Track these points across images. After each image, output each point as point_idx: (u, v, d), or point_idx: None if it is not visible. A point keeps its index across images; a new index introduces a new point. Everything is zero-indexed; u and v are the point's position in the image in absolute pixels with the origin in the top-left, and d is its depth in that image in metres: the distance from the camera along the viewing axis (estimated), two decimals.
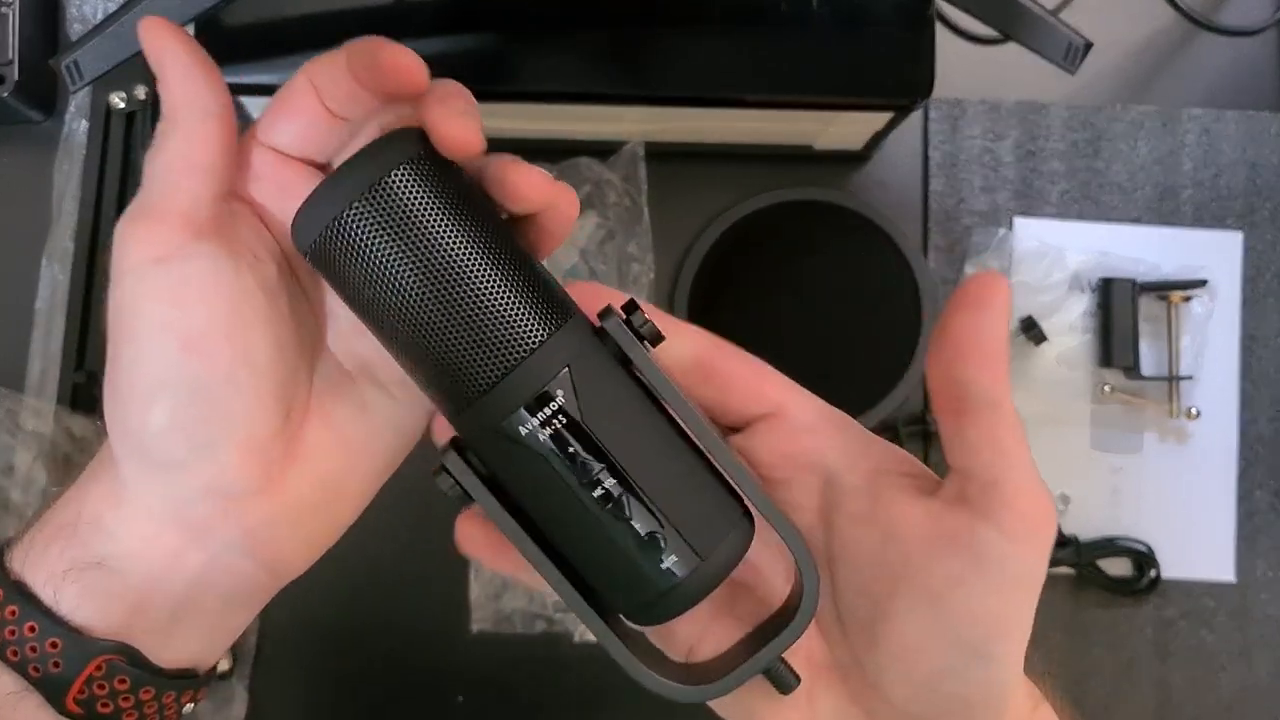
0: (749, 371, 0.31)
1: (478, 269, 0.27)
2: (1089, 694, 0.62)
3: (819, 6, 0.49)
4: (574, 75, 0.50)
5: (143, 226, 0.28)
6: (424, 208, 0.27)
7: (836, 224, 0.62)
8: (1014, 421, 0.27)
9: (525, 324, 0.27)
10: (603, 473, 0.28)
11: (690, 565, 0.28)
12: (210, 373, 0.28)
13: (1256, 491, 0.64)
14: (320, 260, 0.28)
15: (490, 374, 0.27)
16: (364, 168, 0.27)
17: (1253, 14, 0.66)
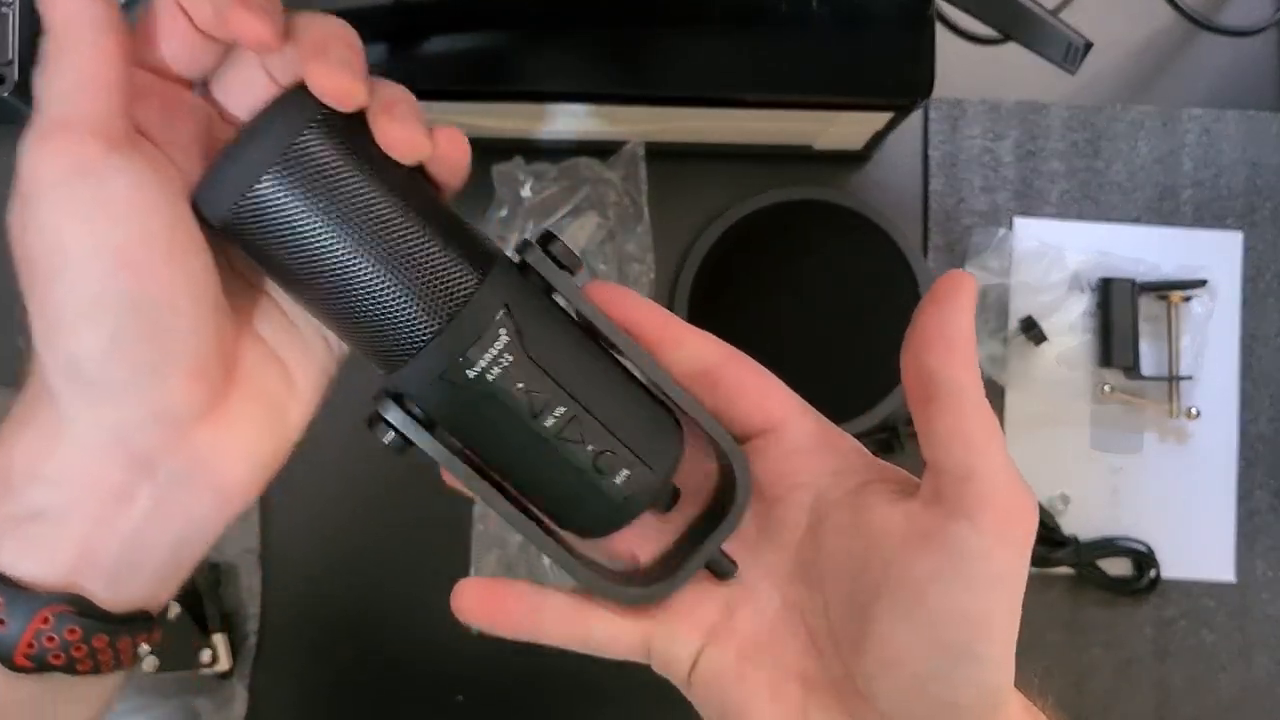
0: (756, 385, 0.31)
1: (404, 223, 0.27)
2: (1088, 693, 0.62)
3: (819, 6, 0.49)
4: (574, 75, 0.50)
5: (56, 141, 0.26)
6: (341, 168, 0.27)
7: (836, 224, 0.62)
8: (984, 412, 0.27)
9: (458, 271, 0.28)
10: (551, 402, 0.28)
11: (642, 477, 0.29)
12: (150, 292, 0.27)
13: (1256, 491, 0.64)
14: (233, 233, 0.27)
15: (430, 325, 0.27)
16: (269, 133, 0.27)
17: (1253, 14, 0.66)
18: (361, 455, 0.60)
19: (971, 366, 0.27)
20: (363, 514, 0.61)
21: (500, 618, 0.32)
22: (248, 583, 0.59)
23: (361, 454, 0.60)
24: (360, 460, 0.61)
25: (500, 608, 0.32)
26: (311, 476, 0.61)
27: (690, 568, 0.31)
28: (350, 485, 0.61)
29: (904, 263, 0.62)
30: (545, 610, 0.32)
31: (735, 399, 0.31)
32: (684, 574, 0.31)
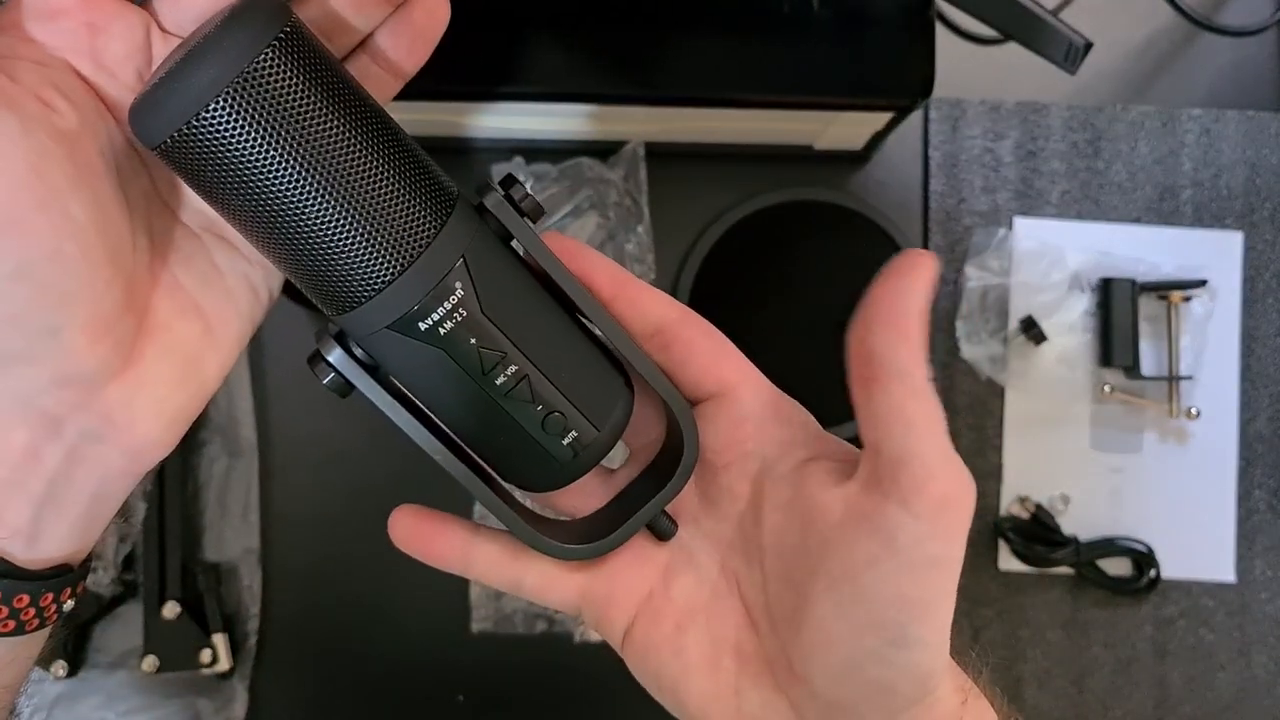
0: (709, 347, 0.31)
1: (365, 160, 0.25)
2: (1089, 692, 0.62)
3: (820, 7, 0.49)
4: (575, 76, 0.50)
5: None
6: (300, 95, 0.24)
7: (836, 224, 0.62)
8: (924, 394, 0.26)
9: (418, 216, 0.26)
10: (504, 360, 0.27)
11: (589, 437, 0.29)
12: (30, 250, 0.24)
13: (1256, 491, 0.64)
14: (176, 159, 0.25)
15: (384, 273, 0.26)
16: (223, 51, 0.24)
17: (1253, 14, 0.66)
18: (362, 455, 0.60)
19: (917, 350, 0.26)
20: (363, 514, 0.61)
21: (431, 551, 0.32)
22: (248, 583, 0.59)
23: (362, 454, 0.60)
24: (361, 460, 0.61)
25: (431, 542, 0.32)
26: (311, 476, 0.61)
27: (631, 527, 0.30)
28: (350, 485, 0.61)
29: None
30: (476, 552, 0.32)
31: (687, 360, 0.31)
32: (623, 533, 0.30)
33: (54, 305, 0.25)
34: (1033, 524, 0.62)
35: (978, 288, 0.63)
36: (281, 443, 0.60)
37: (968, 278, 0.63)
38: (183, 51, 0.25)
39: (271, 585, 0.59)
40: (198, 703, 0.58)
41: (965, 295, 0.63)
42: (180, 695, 0.58)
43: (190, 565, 0.58)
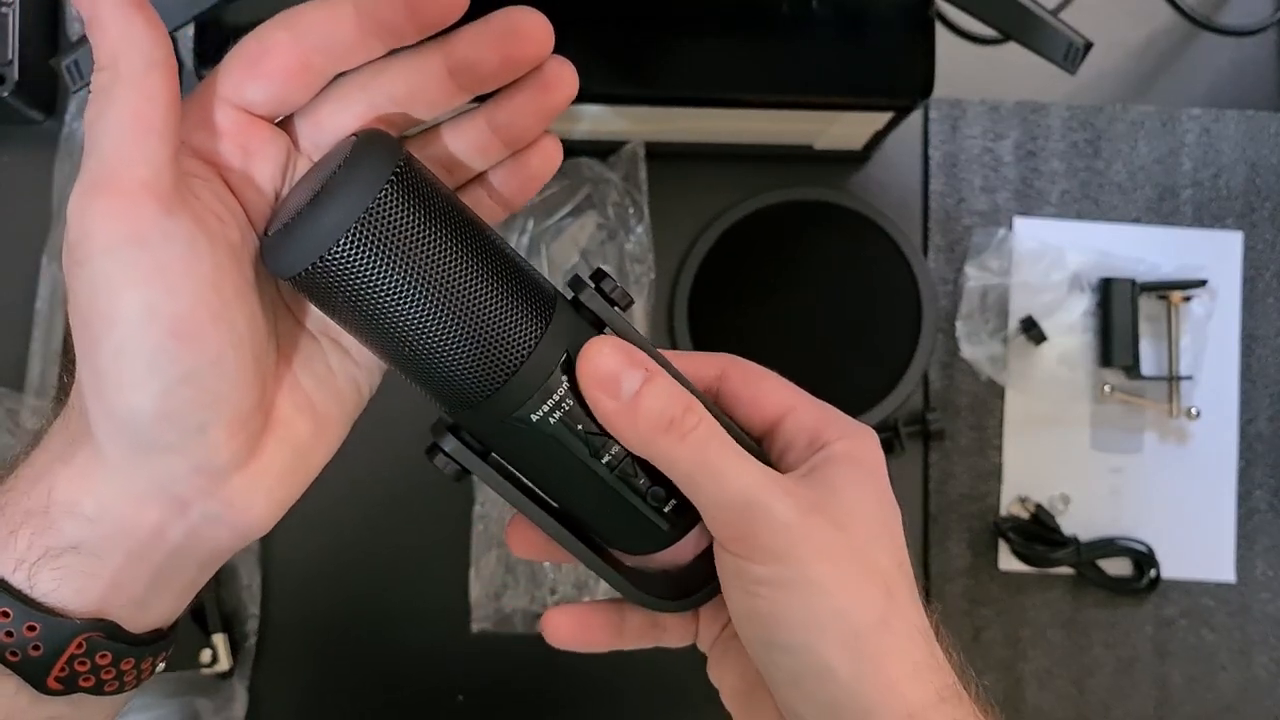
0: (750, 393, 0.33)
1: (474, 279, 0.28)
2: (1089, 692, 0.62)
3: (819, 7, 0.49)
4: None
5: (108, 202, 0.26)
6: (416, 227, 0.27)
7: (836, 224, 0.62)
8: (727, 458, 0.30)
9: (523, 323, 0.28)
10: (610, 443, 0.30)
11: (687, 506, 0.31)
12: (199, 358, 0.27)
13: (1256, 491, 0.64)
14: (307, 288, 0.28)
15: (496, 378, 0.28)
16: (346, 193, 0.26)
17: (1253, 14, 0.66)
18: (362, 456, 0.60)
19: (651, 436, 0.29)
20: (363, 514, 0.61)
21: (591, 643, 0.35)
22: (248, 583, 0.59)
23: (362, 455, 0.60)
24: (361, 461, 0.61)
25: (590, 636, 0.35)
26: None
27: (712, 589, 0.33)
28: (351, 485, 0.60)
29: (904, 263, 0.62)
30: (626, 629, 0.35)
31: (733, 408, 0.33)
32: (705, 594, 0.33)
33: (207, 405, 0.28)
34: (1033, 524, 0.62)
35: (978, 288, 0.63)
36: None
37: (968, 278, 0.63)
38: (310, 185, 0.28)
39: (271, 585, 0.60)
40: (197, 702, 0.58)
41: (965, 295, 0.63)
42: (180, 695, 0.58)
43: None
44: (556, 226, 0.60)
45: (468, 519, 0.60)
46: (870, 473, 0.32)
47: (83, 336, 0.27)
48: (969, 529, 0.62)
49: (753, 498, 0.29)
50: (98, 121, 0.26)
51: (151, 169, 0.26)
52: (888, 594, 0.30)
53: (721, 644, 0.35)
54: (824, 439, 0.32)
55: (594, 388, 0.29)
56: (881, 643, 0.29)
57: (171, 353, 0.26)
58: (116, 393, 0.27)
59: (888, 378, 0.61)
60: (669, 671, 0.60)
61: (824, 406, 0.33)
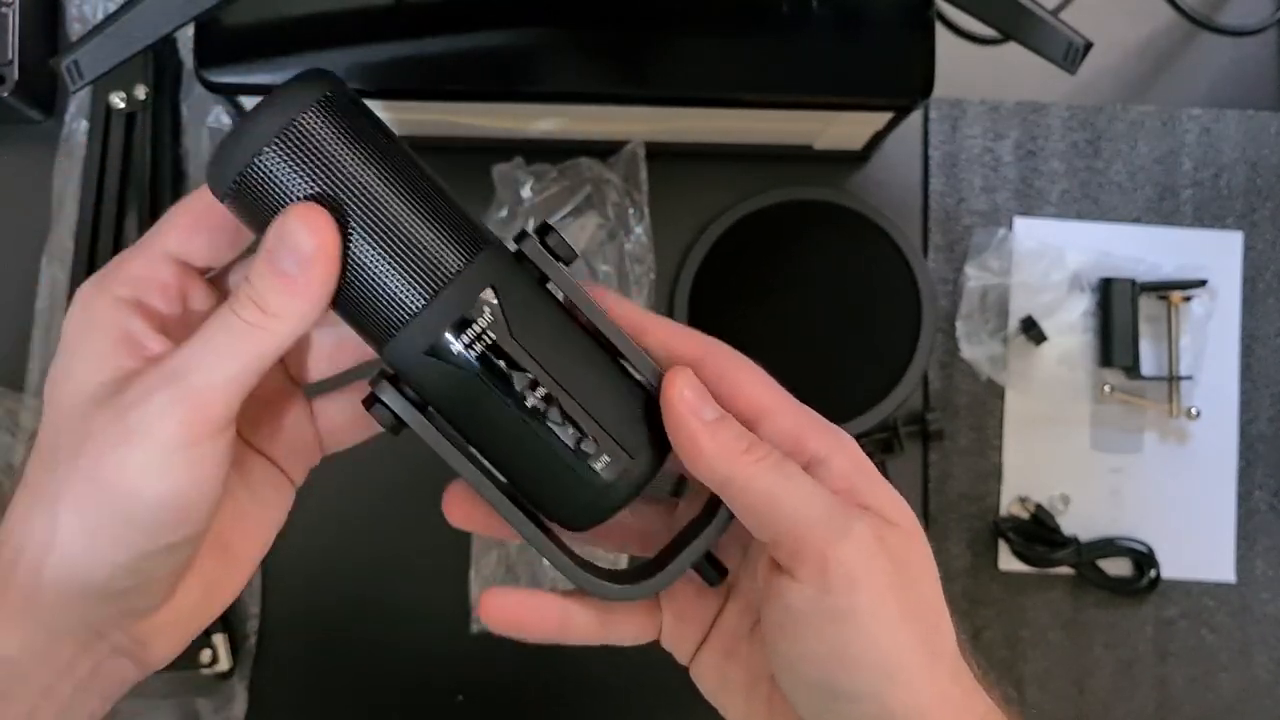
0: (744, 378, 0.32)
1: (397, 202, 0.28)
2: (1089, 693, 0.62)
3: (819, 7, 0.49)
4: (575, 76, 0.50)
5: (188, 414, 0.27)
6: (338, 145, 0.28)
7: (836, 224, 0.62)
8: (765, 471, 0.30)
9: (446, 249, 0.29)
10: (532, 385, 0.29)
11: (621, 464, 0.30)
12: (187, 533, 0.29)
13: (1256, 491, 0.64)
14: (237, 205, 0.29)
15: (414, 302, 0.29)
16: (271, 112, 0.28)
17: (1253, 14, 0.66)
18: (362, 456, 0.60)
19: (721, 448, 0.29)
20: (363, 514, 0.61)
21: (529, 629, 0.34)
22: (248, 582, 0.59)
23: (362, 455, 0.60)
24: (361, 461, 0.61)
25: (526, 622, 0.33)
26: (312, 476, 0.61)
27: (674, 571, 0.32)
28: (351, 485, 0.60)
29: (904, 263, 0.62)
30: (571, 621, 0.34)
31: (723, 393, 0.32)
32: (666, 577, 0.32)
33: (168, 565, 0.29)
34: (1033, 524, 0.62)
35: (977, 288, 0.63)
36: None
37: (967, 278, 0.63)
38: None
39: (271, 585, 0.60)
40: (197, 702, 0.58)
41: (965, 295, 0.63)
42: (180, 695, 0.58)
43: None
44: (557, 227, 0.60)
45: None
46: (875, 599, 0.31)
47: (89, 492, 0.28)
48: (969, 529, 0.62)
49: (834, 517, 0.29)
50: (224, 345, 0.28)
51: (238, 403, 0.28)
52: (934, 632, 0.30)
53: (711, 654, 0.34)
54: (808, 451, 0.31)
55: (681, 406, 0.30)
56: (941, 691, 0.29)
57: (170, 528, 0.28)
58: (102, 548, 0.28)
59: (887, 377, 0.61)
60: (669, 672, 0.60)
61: (802, 410, 0.32)
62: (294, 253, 0.27)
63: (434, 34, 0.49)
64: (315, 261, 0.27)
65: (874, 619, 0.28)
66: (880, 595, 0.28)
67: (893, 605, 0.29)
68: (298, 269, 0.27)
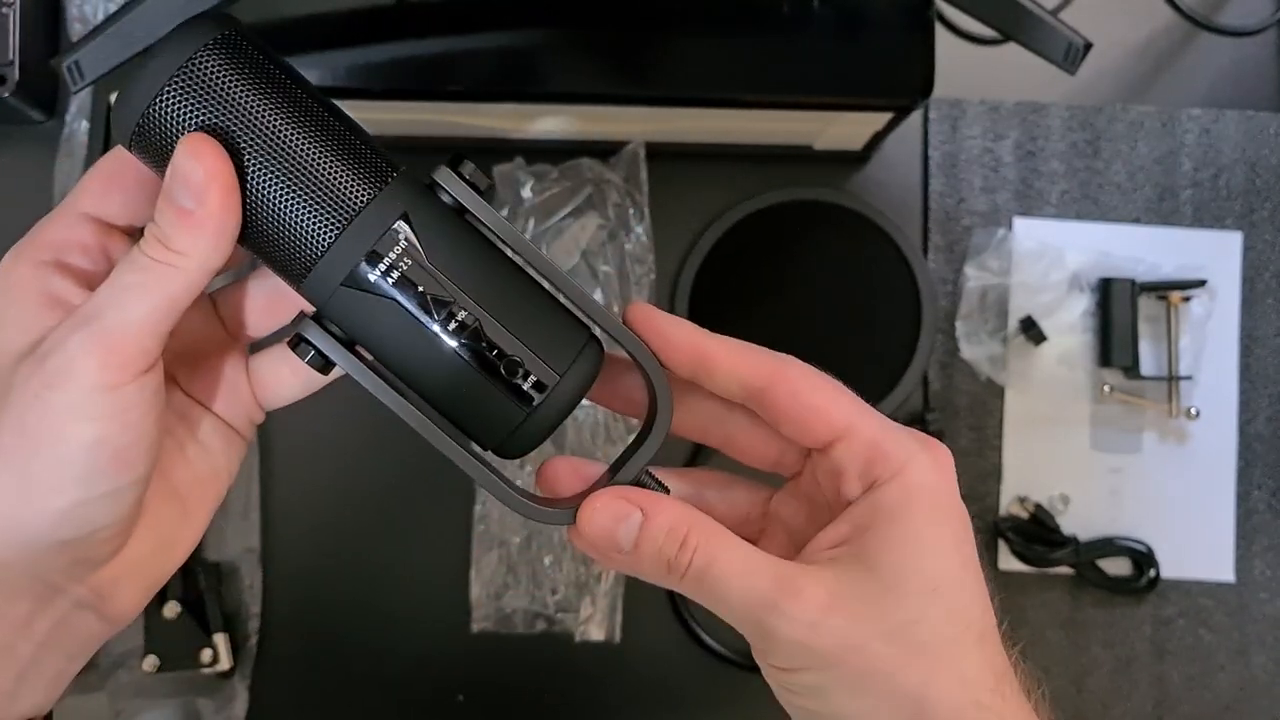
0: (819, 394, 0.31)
1: (298, 137, 0.29)
2: (1088, 692, 0.62)
3: (819, 8, 0.49)
4: (575, 76, 0.50)
5: (108, 355, 0.28)
6: (235, 83, 0.28)
7: (836, 224, 0.62)
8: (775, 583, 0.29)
9: (354, 182, 0.29)
10: (453, 307, 0.29)
11: (550, 383, 0.30)
12: (127, 478, 0.29)
13: (1255, 491, 0.64)
14: (143, 152, 0.29)
15: (325, 235, 0.29)
16: (168, 53, 0.28)
17: (1253, 14, 0.66)
18: (363, 456, 0.61)
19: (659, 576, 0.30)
20: (363, 514, 0.61)
21: None
22: (249, 582, 0.59)
23: (363, 455, 0.61)
24: (361, 460, 0.61)
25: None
26: (312, 476, 0.61)
27: (602, 485, 0.32)
28: (351, 485, 0.61)
29: (904, 263, 0.62)
30: None
31: (778, 423, 0.31)
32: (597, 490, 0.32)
33: (111, 511, 0.29)
34: (1032, 524, 0.62)
35: (977, 288, 0.63)
36: (282, 443, 0.60)
37: (967, 278, 0.63)
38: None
39: (272, 585, 0.60)
40: (198, 702, 0.58)
41: (965, 295, 0.63)
42: (181, 695, 0.58)
43: (191, 564, 0.58)
44: (557, 227, 0.60)
45: (468, 519, 0.60)
46: (931, 513, 0.29)
47: (18, 443, 0.28)
48: None
49: (768, 601, 0.28)
50: (134, 284, 0.28)
51: (156, 342, 0.28)
52: (931, 669, 0.28)
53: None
54: (875, 473, 0.30)
55: (598, 549, 0.30)
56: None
57: (107, 474, 0.28)
58: (38, 496, 0.28)
59: (887, 378, 0.61)
60: (668, 672, 0.60)
61: (883, 426, 0.30)
62: (186, 185, 0.27)
63: (435, 34, 0.49)
64: (208, 190, 0.27)
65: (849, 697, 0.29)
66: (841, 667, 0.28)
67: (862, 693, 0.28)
68: (194, 201, 0.27)
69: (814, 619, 0.28)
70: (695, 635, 0.59)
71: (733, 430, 0.33)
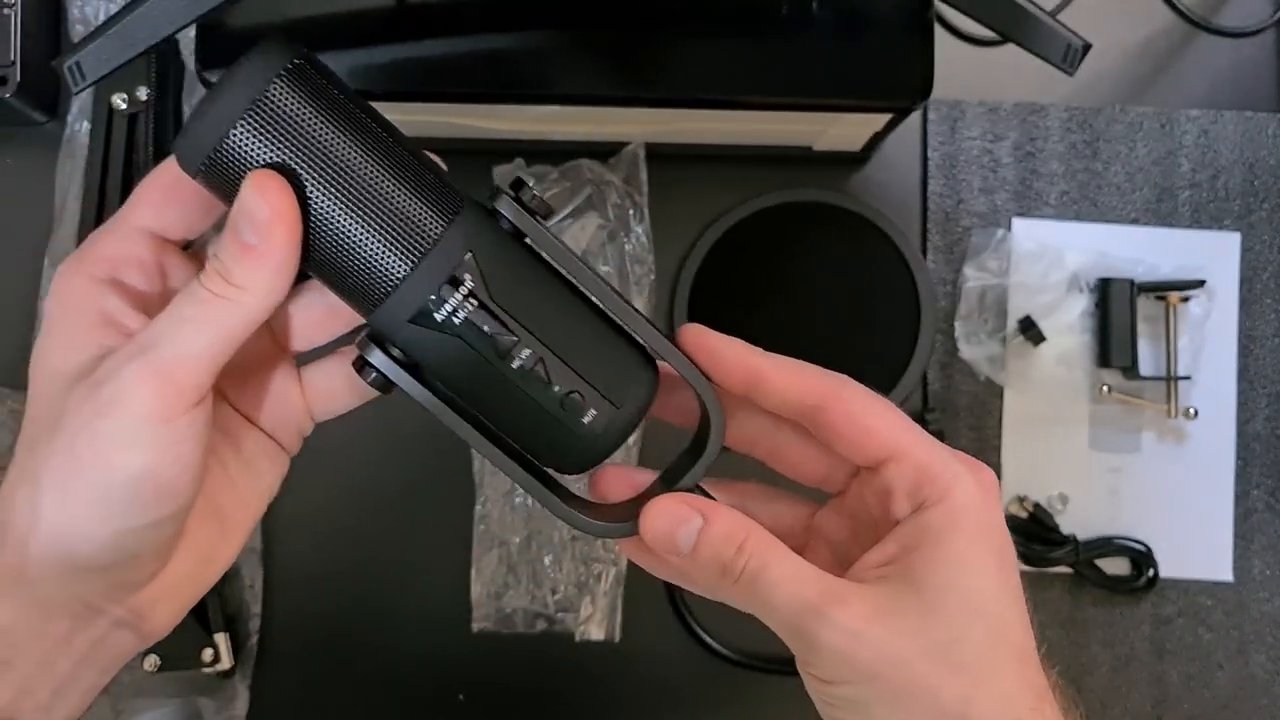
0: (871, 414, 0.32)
1: (372, 172, 0.29)
2: (1087, 691, 0.62)
3: (819, 9, 0.50)
4: (575, 78, 0.50)
5: (157, 385, 0.28)
6: (309, 116, 0.28)
7: (836, 225, 0.62)
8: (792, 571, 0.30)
9: (424, 218, 0.29)
10: (517, 345, 0.30)
11: (608, 416, 0.31)
12: (171, 508, 0.29)
13: (1253, 491, 0.64)
14: (211, 183, 0.29)
15: (397, 271, 0.29)
16: (237, 85, 0.28)
17: (1251, 15, 0.66)
18: (363, 456, 0.61)
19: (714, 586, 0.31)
20: (364, 513, 0.61)
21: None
22: (250, 582, 0.59)
23: (363, 454, 0.61)
24: (362, 460, 0.61)
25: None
26: (313, 476, 0.61)
27: (654, 494, 0.32)
28: (352, 485, 0.61)
29: (903, 264, 0.62)
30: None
31: (831, 440, 0.32)
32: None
33: (153, 539, 0.29)
34: (1031, 523, 0.62)
35: (976, 288, 0.63)
36: None
37: (966, 278, 0.63)
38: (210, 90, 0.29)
39: (273, 585, 0.60)
40: (199, 702, 0.58)
41: (964, 296, 0.63)
42: (182, 694, 0.58)
43: None
44: (557, 228, 0.60)
45: (468, 519, 0.60)
46: (971, 538, 0.30)
47: (66, 467, 0.28)
48: None
49: (812, 611, 0.28)
50: (192, 317, 0.28)
51: (210, 376, 0.28)
52: (972, 686, 0.28)
53: None
54: (923, 494, 0.30)
55: (657, 550, 0.30)
56: None
57: (151, 505, 0.28)
58: (82, 523, 0.28)
59: (887, 378, 0.61)
60: (668, 672, 0.61)
61: (933, 447, 0.31)
62: (251, 221, 0.27)
63: (435, 36, 0.49)
64: (272, 228, 0.27)
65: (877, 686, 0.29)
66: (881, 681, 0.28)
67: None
68: (257, 237, 0.28)
69: (857, 628, 0.28)
70: (695, 635, 0.60)
71: (781, 445, 0.34)
